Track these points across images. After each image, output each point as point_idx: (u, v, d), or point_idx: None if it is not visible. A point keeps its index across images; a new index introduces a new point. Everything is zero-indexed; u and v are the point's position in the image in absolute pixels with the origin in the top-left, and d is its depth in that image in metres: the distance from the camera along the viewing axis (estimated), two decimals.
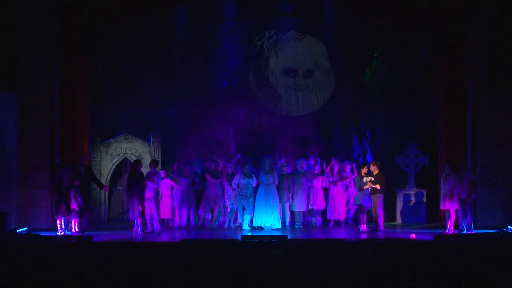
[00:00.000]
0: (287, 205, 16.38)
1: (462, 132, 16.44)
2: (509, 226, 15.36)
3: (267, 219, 15.82)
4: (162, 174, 16.21)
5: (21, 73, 15.48)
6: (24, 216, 15.64)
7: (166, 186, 16.35)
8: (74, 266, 11.39)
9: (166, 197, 16.38)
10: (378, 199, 15.22)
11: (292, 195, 16.32)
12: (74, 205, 14.80)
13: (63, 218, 14.82)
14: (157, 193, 15.46)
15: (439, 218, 16.82)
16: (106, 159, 17.43)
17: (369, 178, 15.23)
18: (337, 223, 17.08)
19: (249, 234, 14.85)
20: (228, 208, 16.45)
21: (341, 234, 15.29)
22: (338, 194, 16.97)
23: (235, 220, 16.50)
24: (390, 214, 17.56)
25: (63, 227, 14.85)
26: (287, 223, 16.41)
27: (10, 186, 15.59)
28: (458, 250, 12.19)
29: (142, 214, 15.26)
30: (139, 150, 17.51)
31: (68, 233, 14.81)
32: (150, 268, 11.28)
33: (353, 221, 17.10)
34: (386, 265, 11.29)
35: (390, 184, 16.95)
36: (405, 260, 11.63)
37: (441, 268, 11.18)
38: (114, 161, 17.48)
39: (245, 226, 15.94)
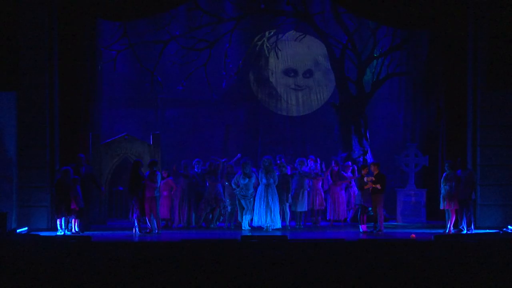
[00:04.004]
0: (287, 205, 16.37)
1: (462, 132, 16.43)
2: (509, 226, 15.36)
3: (267, 219, 15.81)
4: (164, 174, 16.23)
5: (21, 73, 15.46)
6: (24, 216, 15.63)
7: (165, 186, 16.35)
8: (74, 266, 11.39)
9: (165, 197, 16.38)
10: (379, 199, 15.21)
11: (291, 195, 16.31)
12: (74, 205, 14.80)
13: (63, 218, 14.83)
14: (157, 192, 15.45)
15: (439, 218, 16.81)
16: (106, 159, 17.42)
17: (369, 178, 15.23)
18: (337, 223, 17.09)
19: (249, 234, 14.85)
20: (228, 208, 16.44)
21: (341, 234, 15.29)
22: (338, 194, 16.99)
23: (235, 220, 16.49)
24: (390, 214, 17.58)
25: (63, 227, 14.85)
26: (287, 223, 16.40)
27: (10, 186, 15.57)
28: (458, 250, 12.18)
29: (142, 214, 15.26)
30: (139, 150, 17.49)
31: (68, 233, 14.81)
32: (150, 268, 11.28)
33: (353, 221, 17.10)
34: (386, 265, 11.29)
35: (390, 184, 16.95)
36: (405, 260, 11.62)
37: (441, 268, 11.18)
38: (114, 161, 17.47)
39: (245, 226, 15.93)
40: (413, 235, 14.10)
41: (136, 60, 18.57)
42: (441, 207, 15.18)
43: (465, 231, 14.85)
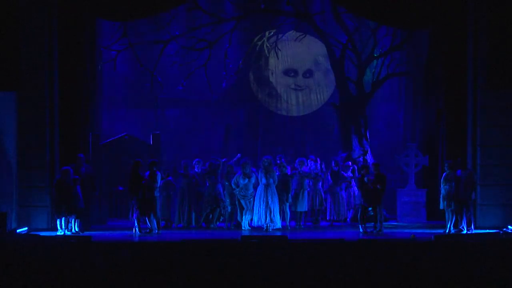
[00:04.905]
0: (287, 205, 16.36)
1: (462, 132, 16.43)
2: (509, 226, 15.35)
3: (267, 219, 15.80)
4: (164, 174, 16.23)
5: (21, 73, 15.44)
6: (24, 216, 15.62)
7: (165, 186, 16.35)
8: (74, 266, 11.40)
9: (165, 197, 16.39)
10: (379, 199, 15.21)
11: (291, 195, 16.30)
12: (74, 205, 14.79)
13: (63, 218, 14.82)
14: (157, 193, 15.45)
15: (439, 218, 16.80)
16: (106, 159, 17.41)
17: (370, 178, 15.22)
18: (337, 223, 17.10)
19: (249, 234, 14.84)
20: (228, 208, 16.44)
21: (341, 234, 15.27)
22: (338, 194, 16.99)
23: (235, 220, 16.48)
24: (390, 214, 17.57)
25: (63, 227, 14.84)
26: (287, 223, 16.40)
27: (10, 186, 15.56)
28: (458, 250, 12.19)
29: (142, 214, 15.25)
30: (139, 150, 17.49)
31: (68, 233, 14.80)
32: (150, 268, 11.29)
33: (353, 221, 17.09)
34: (386, 265, 11.30)
35: (390, 184, 16.95)
36: (405, 260, 11.63)
37: (441, 268, 11.18)
38: (114, 161, 17.47)
39: (245, 226, 15.93)
40: (413, 235, 14.08)
41: (136, 60, 18.57)
42: (441, 207, 15.18)
43: (465, 231, 14.84)
